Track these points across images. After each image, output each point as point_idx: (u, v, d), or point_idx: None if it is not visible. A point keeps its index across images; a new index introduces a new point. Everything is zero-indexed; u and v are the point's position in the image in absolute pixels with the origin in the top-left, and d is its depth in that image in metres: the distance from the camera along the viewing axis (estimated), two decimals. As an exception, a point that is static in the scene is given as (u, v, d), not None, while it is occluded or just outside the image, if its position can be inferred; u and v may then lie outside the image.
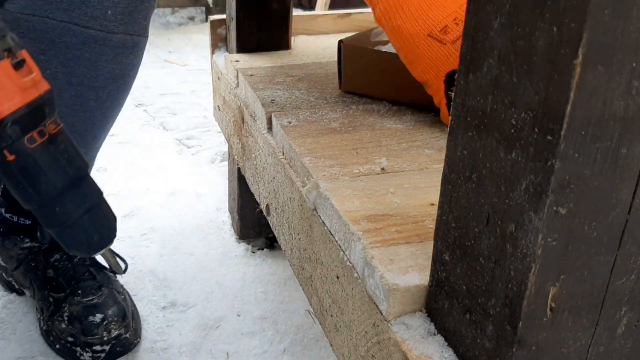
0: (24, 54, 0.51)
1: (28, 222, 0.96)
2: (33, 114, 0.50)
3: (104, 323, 0.85)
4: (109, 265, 0.65)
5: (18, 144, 0.50)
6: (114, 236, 0.63)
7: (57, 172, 0.54)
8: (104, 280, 0.92)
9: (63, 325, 0.86)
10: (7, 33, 0.49)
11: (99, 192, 0.62)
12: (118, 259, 0.68)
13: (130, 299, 0.94)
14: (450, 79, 0.67)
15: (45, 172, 0.53)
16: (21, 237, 0.96)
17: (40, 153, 0.52)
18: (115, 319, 0.86)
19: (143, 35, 0.82)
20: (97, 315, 0.85)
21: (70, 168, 0.56)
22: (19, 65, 0.49)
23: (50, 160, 0.53)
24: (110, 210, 0.64)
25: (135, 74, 0.88)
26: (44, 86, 0.53)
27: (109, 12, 0.75)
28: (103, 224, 0.62)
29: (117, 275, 0.98)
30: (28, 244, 0.95)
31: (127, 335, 0.86)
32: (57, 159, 0.54)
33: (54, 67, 0.77)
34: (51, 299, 0.89)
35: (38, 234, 0.95)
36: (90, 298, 0.88)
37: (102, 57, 0.79)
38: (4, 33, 0.49)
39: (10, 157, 0.50)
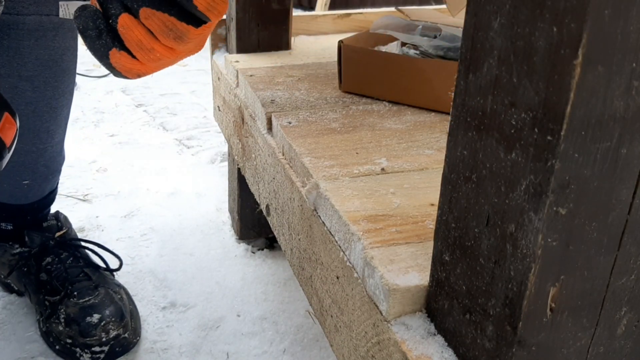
0: None
1: (10, 227, 0.95)
2: None
3: (102, 324, 0.84)
4: None
5: None
6: None
7: None
8: (99, 281, 0.91)
9: (60, 328, 0.86)
10: None
11: None
12: (112, 257, 0.66)
13: (129, 296, 0.94)
14: None
15: None
16: (10, 243, 0.95)
17: None
18: (113, 319, 0.85)
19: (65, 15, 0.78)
20: (95, 315, 0.85)
21: None
22: None
23: None
24: None
25: (72, 57, 0.84)
26: None
27: None
28: None
29: (115, 274, 0.97)
30: (18, 250, 0.94)
31: (126, 334, 0.86)
32: None
33: None
34: (47, 303, 0.89)
35: (26, 239, 0.94)
36: (87, 299, 0.87)
37: (23, 42, 0.75)
38: None
39: None
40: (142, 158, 1.50)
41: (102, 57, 0.52)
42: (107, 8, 0.51)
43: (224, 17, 1.05)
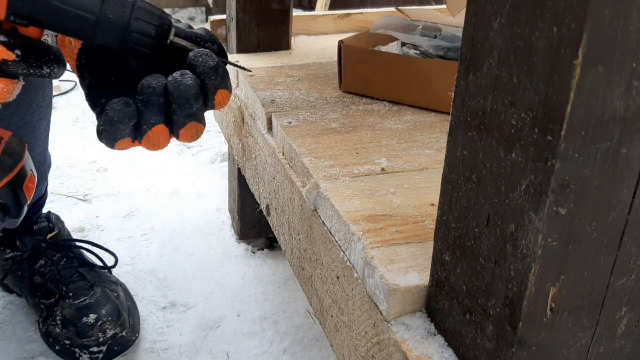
0: None
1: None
2: None
3: (98, 324, 0.84)
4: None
5: None
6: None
7: None
8: (95, 280, 0.91)
9: (57, 330, 0.86)
10: None
11: None
12: (109, 254, 0.65)
13: (126, 293, 0.94)
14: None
15: None
16: (2, 248, 0.95)
17: None
18: (110, 318, 0.85)
19: None
20: (91, 315, 0.85)
21: None
22: None
23: None
24: None
25: None
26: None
27: None
28: None
29: (112, 270, 0.97)
30: (10, 254, 0.94)
31: (124, 333, 0.86)
32: None
33: None
34: (42, 306, 0.89)
35: (17, 243, 0.94)
36: (82, 299, 0.87)
37: None
38: None
39: None
40: (142, 158, 1.50)
41: (110, 140, 0.49)
42: (144, 113, 0.49)
43: (224, 16, 1.05)
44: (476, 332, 0.38)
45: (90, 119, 1.76)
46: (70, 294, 0.88)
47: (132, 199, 1.30)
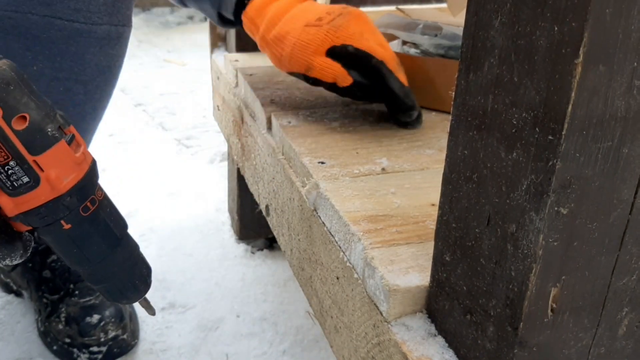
0: (72, 129, 0.52)
1: None
2: (86, 185, 0.51)
3: (101, 324, 0.85)
4: (143, 307, 0.63)
5: (74, 213, 0.51)
6: (148, 287, 0.62)
7: (106, 235, 0.55)
8: None
9: (60, 327, 0.86)
10: (55, 111, 0.50)
11: (136, 246, 0.61)
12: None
13: None
14: (332, 54, 0.69)
15: (97, 237, 0.54)
16: None
17: (93, 219, 0.53)
18: (113, 320, 0.86)
19: (127, 25, 0.81)
20: (95, 316, 0.85)
21: (116, 229, 0.56)
22: (71, 141, 0.50)
23: (101, 224, 0.54)
24: (145, 262, 0.63)
25: (122, 64, 0.87)
26: (90, 157, 0.54)
27: (92, 4, 0.74)
28: (140, 276, 0.61)
29: None
30: None
31: (125, 336, 0.86)
32: (106, 223, 0.54)
33: (40, 64, 0.76)
34: (45, 301, 0.90)
35: (35, 235, 0.95)
36: (87, 299, 0.88)
37: (89, 49, 0.78)
38: (53, 111, 0.49)
39: (67, 227, 0.52)
40: (141, 158, 1.50)
41: None
42: None
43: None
44: (477, 333, 0.38)
45: (89, 119, 1.75)
46: (77, 292, 0.89)
47: (131, 200, 1.29)
